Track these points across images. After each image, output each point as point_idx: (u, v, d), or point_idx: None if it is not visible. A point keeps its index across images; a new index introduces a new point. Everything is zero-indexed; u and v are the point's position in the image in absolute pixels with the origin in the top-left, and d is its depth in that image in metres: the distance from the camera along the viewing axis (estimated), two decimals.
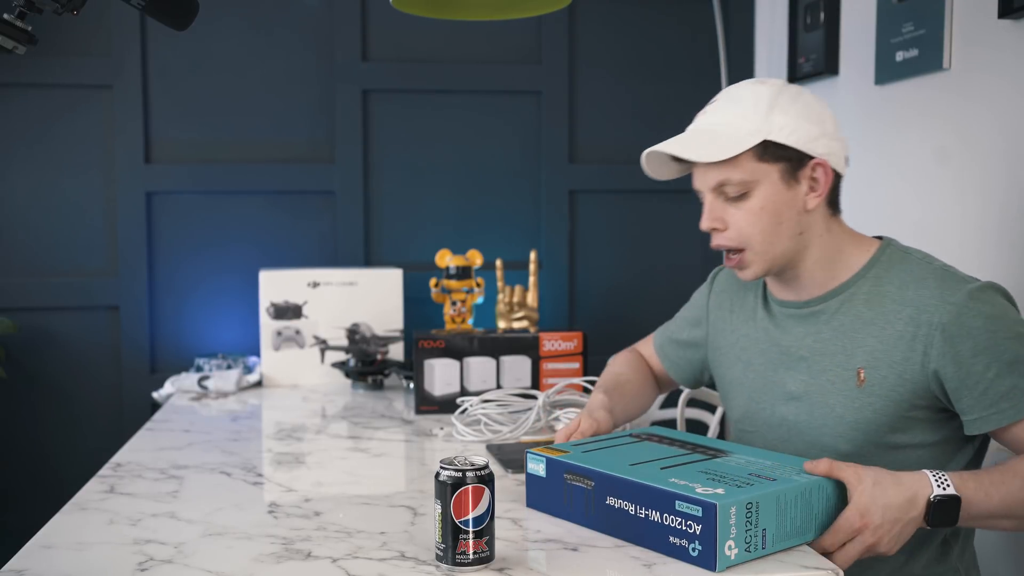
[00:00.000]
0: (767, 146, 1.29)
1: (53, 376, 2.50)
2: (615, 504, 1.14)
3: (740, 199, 1.31)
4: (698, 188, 1.36)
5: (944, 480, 1.15)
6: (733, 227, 1.33)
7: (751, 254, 1.33)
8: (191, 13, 1.41)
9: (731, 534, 1.03)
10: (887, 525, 1.12)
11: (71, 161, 2.49)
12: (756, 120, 1.29)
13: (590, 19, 2.68)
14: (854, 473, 1.13)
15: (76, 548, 1.14)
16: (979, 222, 1.83)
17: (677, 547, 1.06)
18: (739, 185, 1.30)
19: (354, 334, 2.35)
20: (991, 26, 1.77)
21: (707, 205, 1.34)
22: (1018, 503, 1.18)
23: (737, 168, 1.30)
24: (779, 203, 1.31)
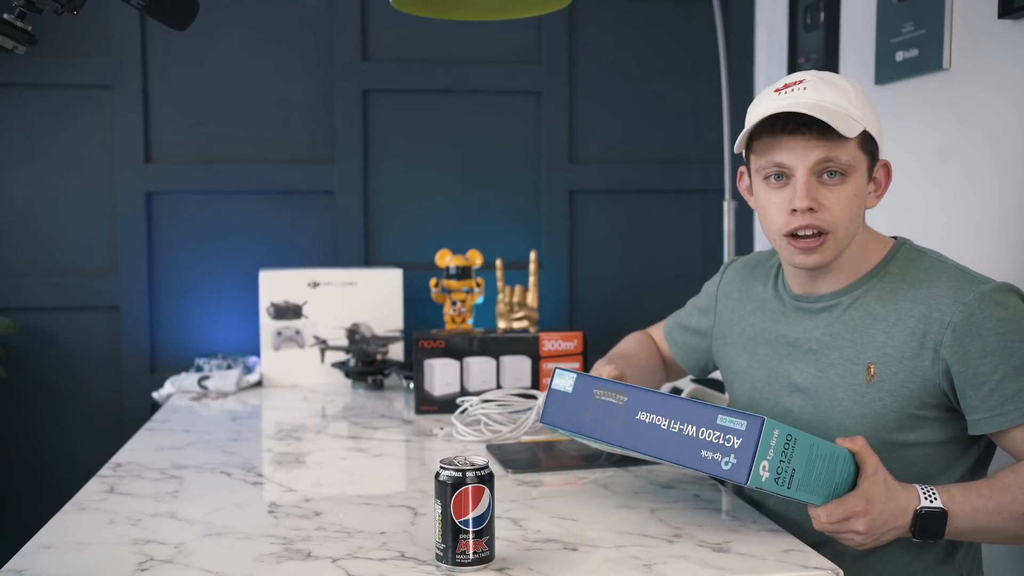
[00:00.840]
0: (866, 137, 1.29)
1: (53, 376, 2.50)
2: (646, 419, 1.15)
3: (836, 182, 1.28)
4: (788, 163, 1.28)
5: (932, 494, 1.17)
6: (827, 209, 1.28)
7: (832, 239, 1.29)
8: (191, 13, 1.41)
9: (768, 455, 1.04)
10: (878, 523, 1.14)
11: (71, 161, 2.49)
12: (860, 109, 1.28)
13: (590, 19, 2.68)
14: (875, 464, 1.15)
15: (76, 548, 1.14)
16: (979, 222, 1.83)
17: (708, 460, 1.07)
18: (843, 166, 1.27)
19: (354, 334, 2.35)
20: (991, 26, 1.77)
21: (803, 183, 1.27)
22: (1005, 518, 1.19)
23: (846, 149, 1.27)
24: (862, 194, 1.31)
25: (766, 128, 1.29)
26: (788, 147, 1.28)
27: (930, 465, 1.30)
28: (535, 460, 1.54)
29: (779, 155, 1.29)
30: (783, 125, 1.27)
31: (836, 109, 1.25)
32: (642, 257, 2.74)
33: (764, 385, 1.43)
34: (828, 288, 1.37)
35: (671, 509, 1.28)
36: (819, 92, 1.27)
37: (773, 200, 1.31)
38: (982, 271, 1.37)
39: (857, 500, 1.13)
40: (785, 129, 1.27)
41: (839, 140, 1.26)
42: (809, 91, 1.27)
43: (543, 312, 2.63)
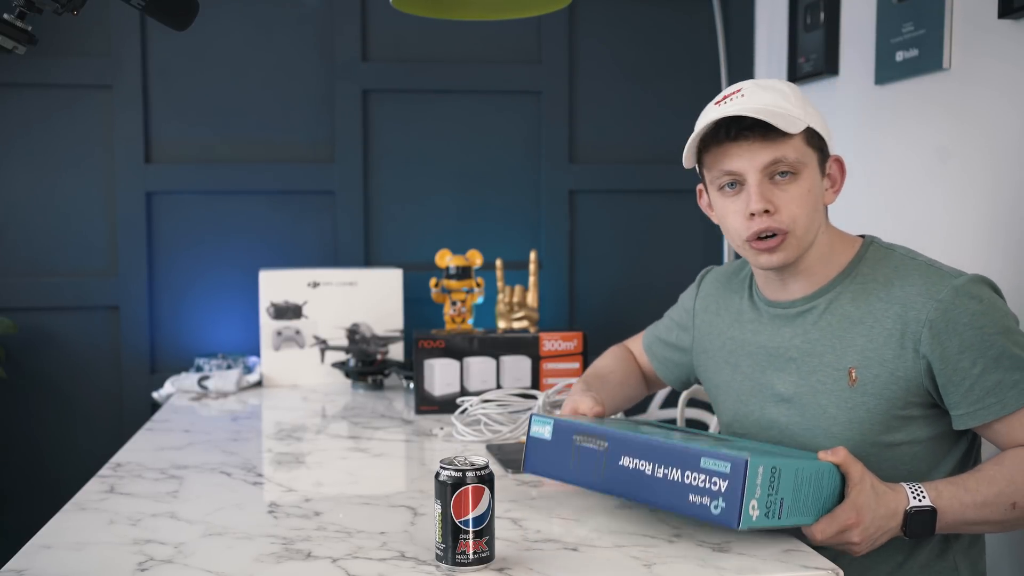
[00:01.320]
0: (811, 133, 1.30)
1: (53, 376, 2.50)
2: (630, 464, 1.13)
3: (788, 181, 1.29)
4: (739, 170, 1.29)
5: (920, 493, 1.19)
6: (783, 209, 1.28)
7: (792, 238, 1.30)
8: (191, 13, 1.41)
9: (756, 494, 1.03)
10: (871, 530, 1.15)
11: (71, 161, 2.49)
12: (800, 108, 1.29)
13: (590, 19, 2.68)
14: (860, 471, 1.16)
15: (76, 548, 1.14)
16: (980, 222, 1.83)
17: (697, 505, 1.05)
18: (792, 164, 1.28)
19: (354, 334, 2.35)
20: (991, 26, 1.77)
21: (755, 187, 1.28)
22: (993, 510, 1.21)
23: (791, 146, 1.28)
24: (817, 190, 1.32)
25: (712, 139, 1.31)
26: (736, 154, 1.29)
27: (919, 463, 1.31)
28: None
29: (728, 163, 1.30)
30: (726, 133, 1.29)
31: (775, 110, 1.27)
32: (642, 257, 2.74)
33: (748, 397, 1.43)
34: (801, 292, 1.38)
35: None
36: (757, 97, 1.29)
37: (731, 208, 1.33)
38: (982, 271, 1.37)
39: (847, 512, 1.13)
40: (729, 136, 1.29)
41: (783, 139, 1.27)
42: (747, 98, 1.29)
43: (543, 312, 2.63)
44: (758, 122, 1.26)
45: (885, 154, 2.13)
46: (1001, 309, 1.27)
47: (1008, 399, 1.24)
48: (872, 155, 2.17)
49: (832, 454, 1.15)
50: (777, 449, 1.22)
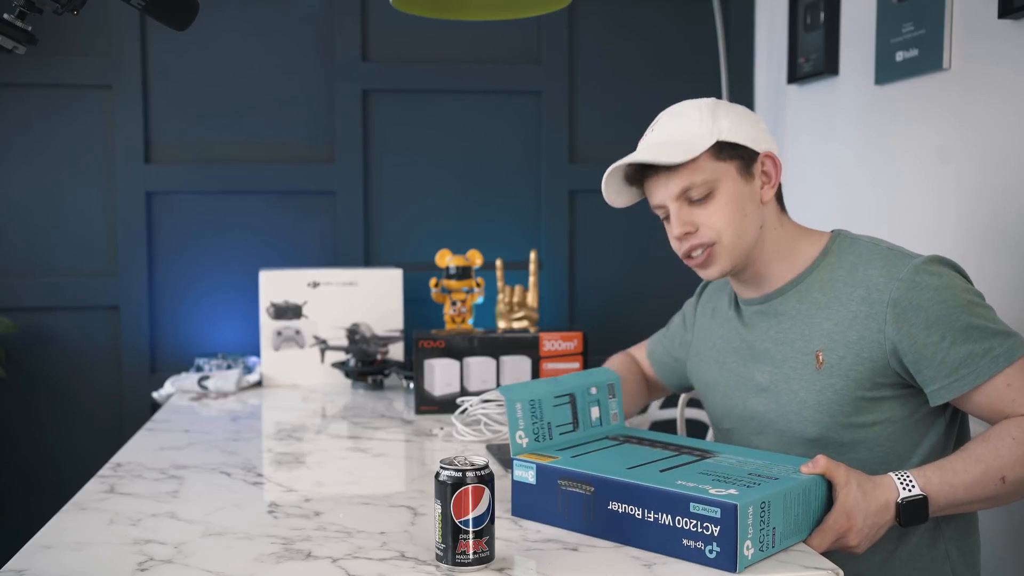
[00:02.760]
0: (721, 146, 1.37)
1: (53, 376, 2.50)
2: (619, 509, 1.11)
3: (705, 200, 1.37)
4: (660, 203, 1.41)
5: (909, 481, 1.19)
6: (704, 226, 1.37)
7: (720, 248, 1.37)
8: (191, 13, 1.41)
9: (748, 534, 1.02)
10: (867, 529, 1.16)
11: (71, 161, 2.49)
12: (705, 126, 1.37)
13: (590, 19, 2.68)
14: (844, 474, 1.16)
15: (76, 548, 1.14)
16: (980, 222, 1.83)
17: (693, 550, 1.04)
18: (703, 185, 1.36)
19: (354, 334, 2.35)
20: (991, 26, 1.77)
21: (674, 214, 1.39)
22: (983, 488, 1.21)
23: (698, 170, 1.36)
24: (741, 196, 1.37)
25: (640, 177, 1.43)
26: (654, 188, 1.41)
27: (896, 444, 1.32)
28: None
29: (652, 197, 1.43)
30: (641, 170, 1.42)
31: (674, 138, 1.37)
32: (642, 257, 2.74)
33: (733, 391, 1.48)
34: (770, 288, 1.43)
35: None
36: (663, 129, 1.40)
37: (670, 235, 1.43)
38: (982, 270, 1.38)
39: (838, 519, 1.14)
40: (645, 176, 1.42)
41: (686, 165, 1.35)
42: (656, 131, 1.41)
43: (543, 312, 2.63)
44: None
45: (885, 154, 2.13)
46: (960, 284, 1.30)
47: (981, 368, 1.25)
48: (872, 155, 2.17)
49: (812, 465, 1.15)
50: (762, 462, 1.20)
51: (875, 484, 1.18)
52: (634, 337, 1.87)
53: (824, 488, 1.16)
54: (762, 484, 1.09)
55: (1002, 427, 1.24)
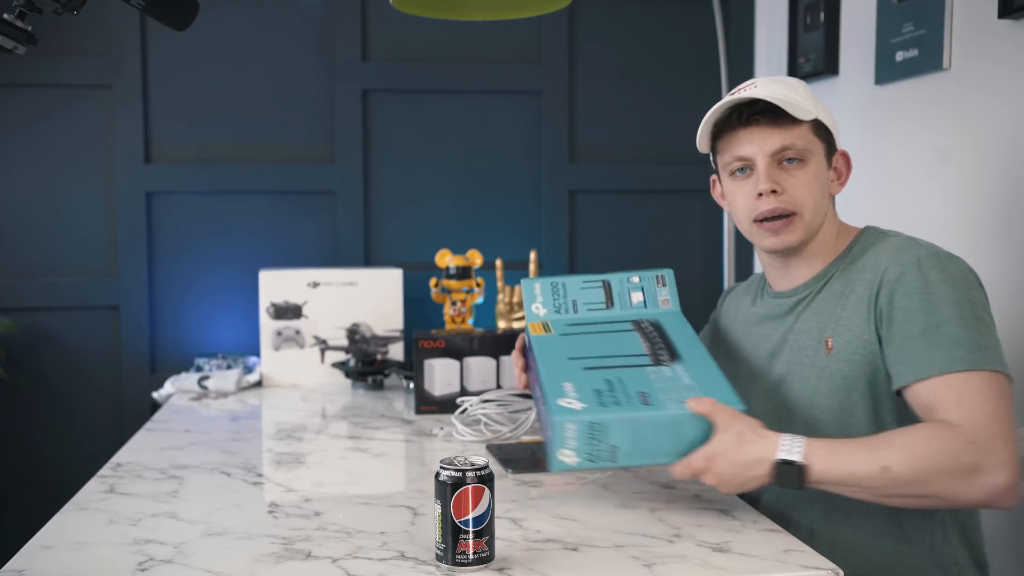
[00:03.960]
0: (819, 125, 1.37)
1: (53, 376, 2.50)
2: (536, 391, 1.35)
3: (796, 167, 1.36)
4: (749, 155, 1.37)
5: (796, 446, 1.17)
6: (790, 192, 1.35)
7: (799, 219, 1.36)
8: (191, 13, 1.41)
9: (569, 445, 1.18)
10: (728, 475, 1.18)
11: (71, 161, 2.49)
12: (809, 101, 1.36)
13: (590, 19, 2.68)
14: (727, 420, 1.18)
15: (76, 548, 1.14)
16: (980, 222, 1.83)
17: (547, 440, 1.23)
18: (800, 151, 1.35)
19: (354, 334, 2.35)
20: (991, 26, 1.77)
21: (764, 170, 1.35)
22: (864, 476, 1.17)
23: (800, 135, 1.35)
24: (823, 178, 1.38)
25: (726, 125, 1.39)
26: (747, 139, 1.37)
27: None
28: (535, 460, 1.54)
29: (739, 148, 1.38)
30: (738, 118, 1.37)
31: (786, 99, 1.34)
32: (642, 257, 2.74)
33: (755, 385, 1.47)
34: (802, 279, 1.42)
35: (671, 509, 1.28)
36: (769, 88, 1.36)
37: (740, 191, 1.40)
38: (982, 271, 1.37)
39: (699, 458, 1.18)
40: (740, 121, 1.37)
41: (793, 126, 1.34)
42: (760, 88, 1.36)
43: None
44: (769, 107, 1.34)
45: (885, 154, 2.13)
46: (962, 286, 1.26)
47: (934, 362, 1.21)
48: (872, 155, 2.17)
49: (696, 403, 1.20)
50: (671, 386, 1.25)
51: (758, 437, 1.18)
52: None
53: (706, 425, 1.19)
54: (624, 406, 1.20)
55: (917, 426, 1.21)
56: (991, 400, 1.18)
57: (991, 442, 1.15)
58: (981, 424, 1.16)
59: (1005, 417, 1.18)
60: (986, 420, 1.17)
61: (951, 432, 1.16)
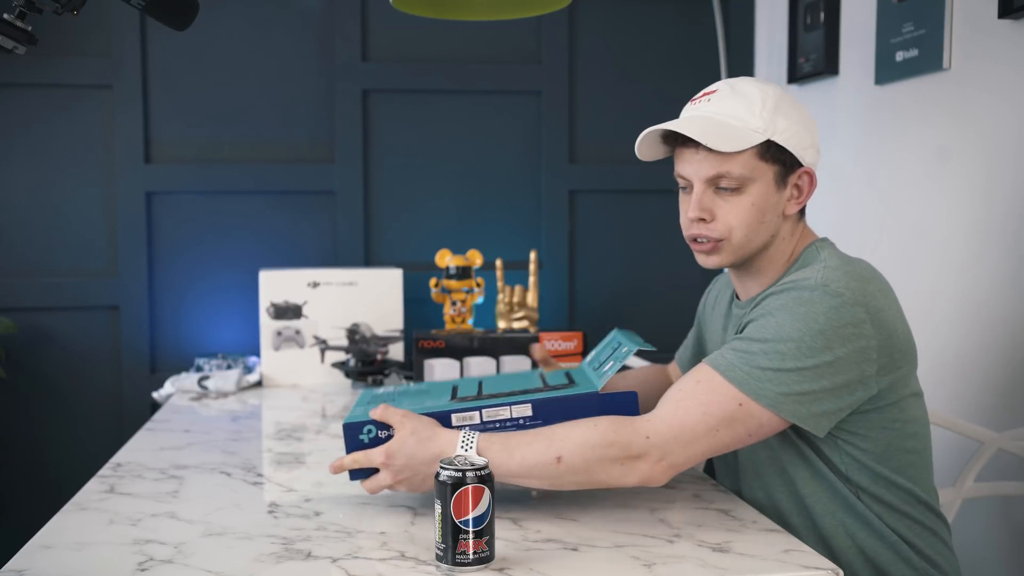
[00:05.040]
0: (769, 146, 1.30)
1: (53, 376, 2.50)
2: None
3: (732, 194, 1.31)
4: (687, 176, 1.34)
5: (470, 442, 1.20)
6: (720, 220, 1.32)
7: (726, 244, 1.34)
8: (191, 13, 1.41)
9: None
10: (407, 472, 1.22)
11: (71, 161, 2.49)
12: (763, 118, 1.29)
13: (590, 19, 2.68)
14: (400, 420, 1.24)
15: (76, 548, 1.14)
16: (980, 222, 1.83)
17: None
18: (737, 179, 1.30)
19: (354, 334, 2.35)
20: (991, 26, 1.77)
21: (696, 195, 1.32)
22: (537, 465, 1.20)
23: (738, 163, 1.29)
24: (767, 203, 1.32)
25: (677, 139, 1.36)
26: (687, 160, 1.34)
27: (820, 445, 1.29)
28: None
29: (680, 167, 1.36)
30: (679, 138, 1.34)
31: (730, 122, 1.29)
32: (642, 257, 2.74)
33: None
34: (755, 290, 1.40)
35: (671, 509, 1.28)
36: (723, 104, 1.32)
37: (682, 206, 1.39)
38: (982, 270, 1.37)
39: (376, 453, 1.23)
40: (680, 142, 1.34)
41: (733, 154, 1.29)
42: (713, 103, 1.33)
43: (543, 312, 2.63)
44: None
45: (885, 154, 2.13)
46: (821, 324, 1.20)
47: (717, 357, 1.24)
48: (872, 155, 2.17)
49: (374, 411, 1.26)
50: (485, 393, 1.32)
51: (434, 435, 1.22)
52: None
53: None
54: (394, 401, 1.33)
55: (606, 417, 1.23)
56: (708, 416, 1.20)
57: (666, 443, 1.20)
58: (666, 429, 1.20)
59: (703, 431, 1.20)
60: (679, 427, 1.20)
61: (632, 426, 1.21)
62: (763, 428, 1.22)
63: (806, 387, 1.20)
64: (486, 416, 1.25)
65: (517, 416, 1.24)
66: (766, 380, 1.20)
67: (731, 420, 1.20)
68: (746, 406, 1.20)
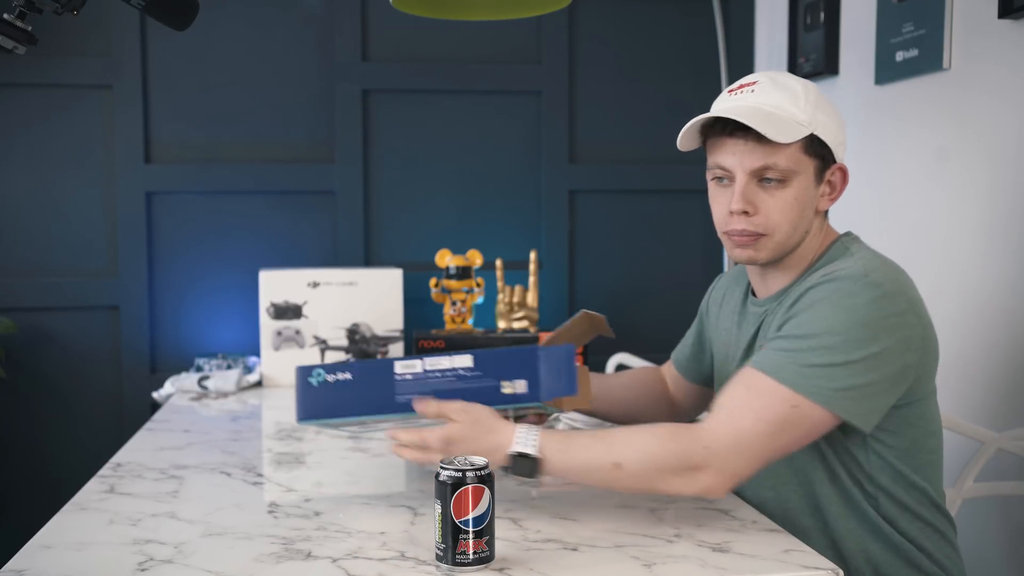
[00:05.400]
0: (812, 140, 1.29)
1: (53, 376, 2.50)
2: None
3: (775, 188, 1.29)
4: (728, 167, 1.30)
5: (532, 440, 1.19)
6: (764, 214, 1.29)
7: (768, 240, 1.31)
8: (191, 13, 1.41)
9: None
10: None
11: (71, 161, 2.49)
12: (807, 112, 1.28)
13: (590, 19, 2.68)
14: (460, 409, 1.22)
15: (76, 548, 1.14)
16: (979, 222, 1.83)
17: None
18: (782, 172, 1.27)
19: (354, 334, 2.35)
20: (991, 26, 1.77)
21: (740, 187, 1.28)
22: (595, 469, 1.20)
23: (785, 155, 1.27)
24: (807, 198, 1.31)
25: (712, 129, 1.32)
26: (730, 150, 1.30)
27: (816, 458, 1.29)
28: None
29: (721, 157, 1.31)
30: (723, 128, 1.30)
31: (778, 113, 1.27)
32: (642, 257, 2.74)
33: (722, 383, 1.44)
34: (777, 287, 1.38)
35: (671, 509, 1.28)
36: (766, 95, 1.29)
37: (718, 199, 1.35)
38: (983, 270, 1.37)
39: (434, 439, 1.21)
40: (726, 132, 1.30)
41: (778, 145, 1.26)
42: (757, 94, 1.29)
43: (543, 312, 2.63)
44: None
45: (885, 154, 2.13)
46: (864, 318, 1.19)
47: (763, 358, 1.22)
48: (872, 155, 2.17)
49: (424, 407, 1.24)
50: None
51: (495, 427, 1.21)
52: (634, 337, 1.87)
53: None
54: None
55: (664, 424, 1.23)
56: (763, 422, 1.18)
57: (726, 452, 1.17)
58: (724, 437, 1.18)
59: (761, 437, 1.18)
60: (736, 435, 1.18)
61: (691, 435, 1.19)
62: (817, 428, 1.20)
63: (857, 380, 1.18)
64: (427, 365, 1.25)
65: (458, 366, 1.24)
66: (817, 377, 1.18)
67: (786, 423, 1.18)
68: (800, 407, 1.18)
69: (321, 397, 1.30)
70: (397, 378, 1.26)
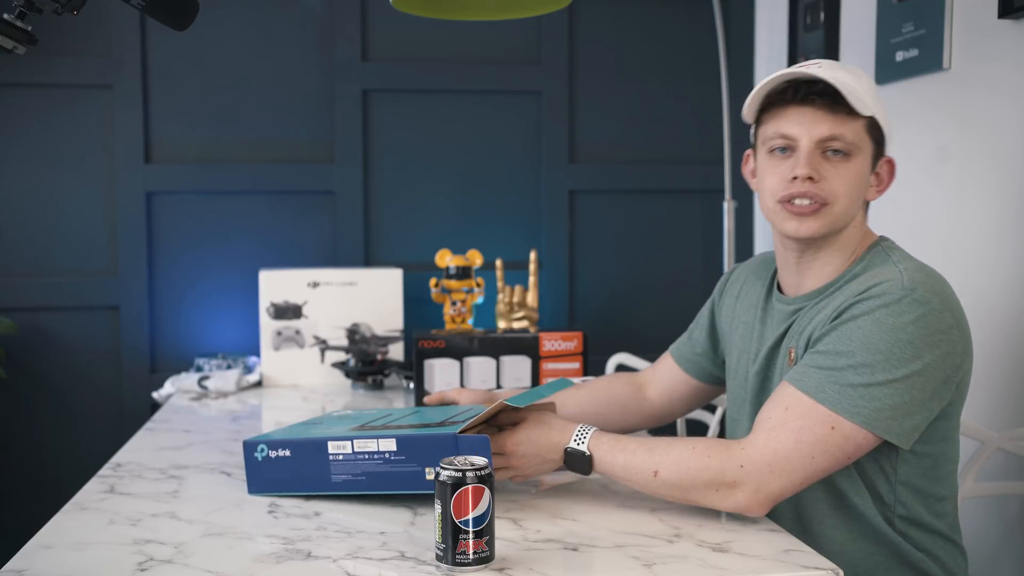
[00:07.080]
0: (874, 124, 1.29)
1: (53, 376, 2.50)
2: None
3: (840, 160, 1.27)
4: (794, 135, 1.27)
5: (583, 436, 1.26)
6: (828, 181, 1.27)
7: (828, 210, 1.28)
8: (191, 13, 1.41)
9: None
10: (529, 457, 1.28)
11: (71, 161, 2.49)
12: (871, 96, 1.28)
13: (590, 19, 2.68)
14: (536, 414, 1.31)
15: (76, 548, 1.14)
16: (979, 222, 1.83)
17: None
18: (849, 144, 1.27)
19: (354, 334, 2.35)
20: (991, 26, 1.77)
21: (806, 153, 1.26)
22: (636, 473, 1.23)
23: (852, 129, 1.26)
24: (864, 180, 1.30)
25: (778, 99, 1.29)
26: (797, 119, 1.27)
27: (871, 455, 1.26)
28: None
29: (786, 126, 1.28)
30: (794, 94, 1.28)
31: (849, 86, 1.25)
32: (642, 257, 2.74)
33: (742, 384, 1.45)
34: (810, 286, 1.34)
35: (671, 509, 1.28)
36: (834, 72, 1.27)
37: (774, 170, 1.31)
38: (982, 270, 1.37)
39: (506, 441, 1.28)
40: (796, 98, 1.28)
41: (847, 117, 1.26)
42: (824, 70, 1.27)
43: (543, 312, 2.63)
44: (827, 91, 1.25)
45: None
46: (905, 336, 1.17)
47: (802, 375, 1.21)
48: None
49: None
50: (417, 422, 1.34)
51: (556, 426, 1.28)
52: (634, 337, 1.87)
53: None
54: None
55: (704, 440, 1.24)
56: (802, 444, 1.17)
57: (760, 472, 1.17)
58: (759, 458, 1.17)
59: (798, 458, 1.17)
60: (772, 455, 1.17)
61: (727, 452, 1.19)
62: (860, 448, 1.19)
63: (899, 399, 1.17)
64: (357, 447, 1.27)
65: (384, 450, 1.25)
66: (858, 397, 1.17)
67: (825, 444, 1.17)
68: (839, 428, 1.17)
69: (266, 471, 1.34)
70: (330, 458, 1.29)
